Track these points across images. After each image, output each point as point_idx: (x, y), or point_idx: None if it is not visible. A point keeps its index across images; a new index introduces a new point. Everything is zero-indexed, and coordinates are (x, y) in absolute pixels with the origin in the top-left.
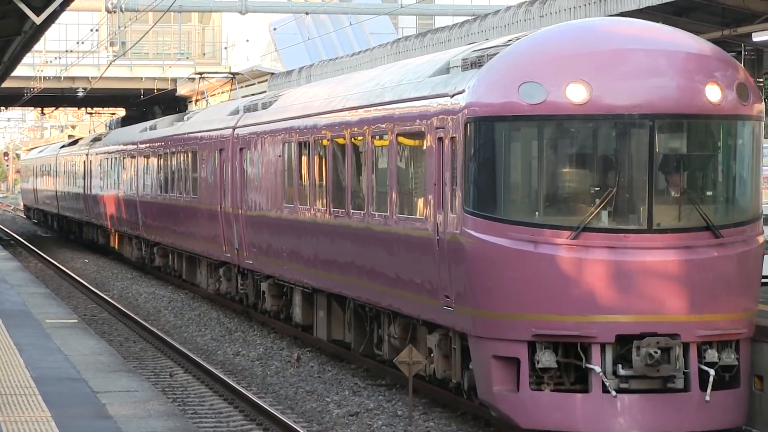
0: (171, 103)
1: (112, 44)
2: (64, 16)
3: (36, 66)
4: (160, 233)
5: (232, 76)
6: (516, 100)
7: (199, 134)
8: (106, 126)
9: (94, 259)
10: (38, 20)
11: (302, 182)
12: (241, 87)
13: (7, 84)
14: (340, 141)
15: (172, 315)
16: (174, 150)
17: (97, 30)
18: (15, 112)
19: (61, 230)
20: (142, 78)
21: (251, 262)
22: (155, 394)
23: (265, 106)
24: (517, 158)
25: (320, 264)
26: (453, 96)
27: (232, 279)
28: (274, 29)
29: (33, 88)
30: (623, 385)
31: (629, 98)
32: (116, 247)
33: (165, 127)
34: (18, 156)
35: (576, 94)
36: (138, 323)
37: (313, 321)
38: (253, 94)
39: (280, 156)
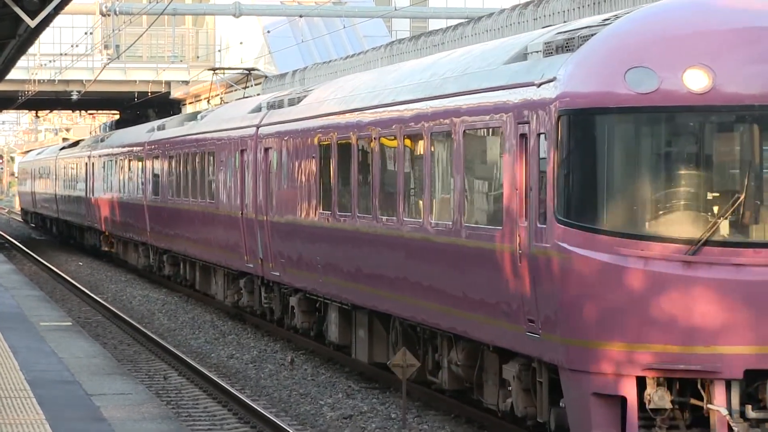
0: (165, 106)
1: (106, 47)
2: (59, 20)
3: (30, 69)
4: (170, 240)
5: (247, 72)
6: (621, 88)
7: (217, 134)
8: (100, 129)
9: (88, 262)
10: (33, 23)
11: (342, 186)
12: (238, 90)
13: (1, 87)
14: (390, 139)
15: (166, 318)
16: (187, 151)
17: (91, 33)
18: (9, 115)
19: (60, 235)
20: (136, 81)
21: (278, 273)
22: (149, 397)
23: (292, 103)
24: (623, 158)
25: (363, 278)
26: (540, 85)
27: (254, 292)
28: (268, 32)
29: (27, 91)
30: (754, 430)
31: (760, 86)
32: (121, 253)
33: (175, 127)
34: (12, 159)
35: (695, 81)
36: (132, 326)
37: (351, 341)
38: (246, 97)
39: (313, 157)
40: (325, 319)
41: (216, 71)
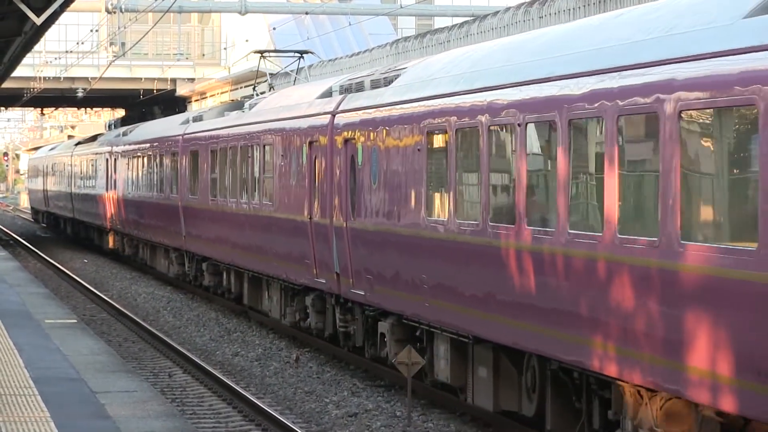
0: (170, 103)
1: (111, 45)
2: (64, 17)
3: (36, 66)
4: (211, 247)
5: (299, 55)
6: None
7: (274, 124)
8: (105, 126)
9: (93, 259)
10: (39, 21)
11: (464, 186)
12: (241, 87)
13: (7, 84)
14: (545, 125)
15: (171, 315)
16: (234, 145)
17: (96, 30)
18: (15, 112)
19: (76, 237)
20: (141, 78)
21: (362, 292)
22: (154, 395)
23: (378, 84)
24: None
25: (495, 305)
26: None
27: (326, 312)
28: (274, 29)
29: (33, 89)
30: None
31: None
32: (147, 259)
33: (214, 118)
34: (18, 156)
35: None
36: (137, 323)
37: (468, 381)
38: (254, 95)
39: (419, 149)
40: (427, 351)
41: (264, 54)
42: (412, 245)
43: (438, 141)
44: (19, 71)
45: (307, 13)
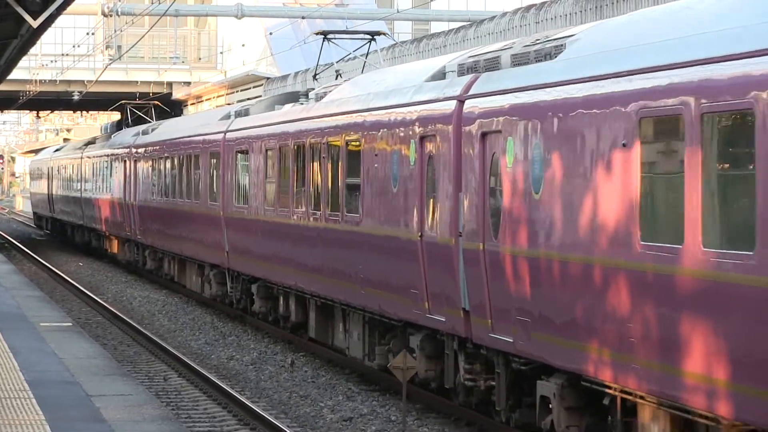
0: (166, 106)
1: (107, 48)
2: (61, 20)
3: (32, 69)
4: (265, 267)
5: (370, 37)
6: None
7: (361, 117)
8: (101, 129)
9: (88, 263)
10: (35, 24)
11: (719, 198)
12: (238, 91)
13: (2, 87)
14: None
15: (166, 319)
16: (302, 143)
17: (93, 34)
18: (10, 115)
19: (87, 246)
20: (137, 82)
21: (510, 339)
22: (149, 398)
23: (524, 59)
24: None
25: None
26: None
27: (446, 359)
28: (270, 33)
29: (29, 92)
30: None
31: None
32: (175, 275)
33: (263, 111)
34: (13, 159)
35: None
36: (132, 327)
37: None
38: (248, 99)
39: (625, 144)
40: (617, 426)
41: (328, 36)
42: (613, 281)
43: (663, 132)
44: (15, 74)
45: (303, 17)
